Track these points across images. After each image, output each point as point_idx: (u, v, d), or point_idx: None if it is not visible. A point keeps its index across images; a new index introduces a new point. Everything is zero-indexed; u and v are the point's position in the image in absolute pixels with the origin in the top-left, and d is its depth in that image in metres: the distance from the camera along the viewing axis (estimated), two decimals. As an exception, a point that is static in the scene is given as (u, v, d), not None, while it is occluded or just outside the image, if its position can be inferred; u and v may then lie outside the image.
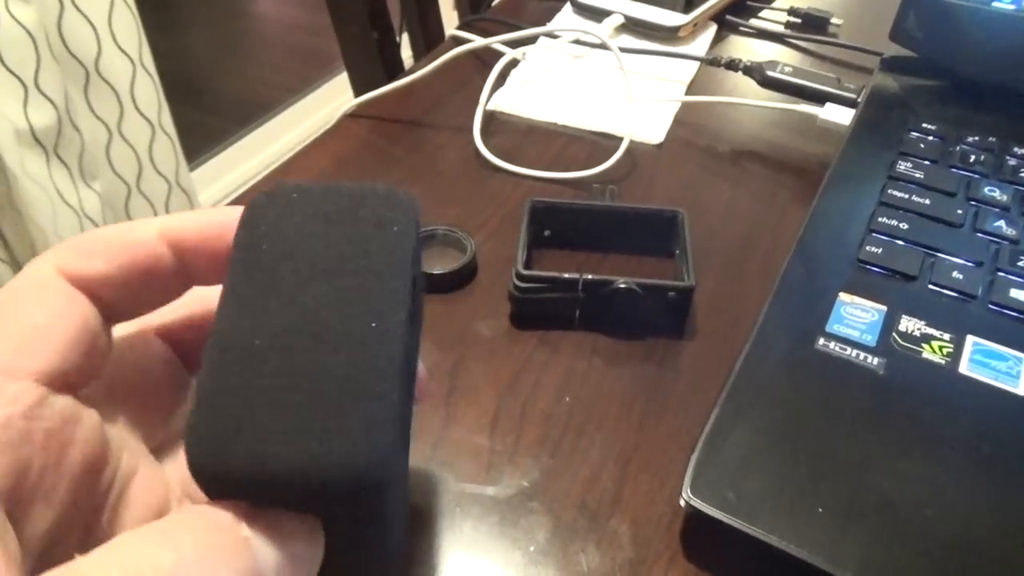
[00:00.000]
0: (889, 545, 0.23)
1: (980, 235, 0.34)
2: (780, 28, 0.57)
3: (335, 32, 0.64)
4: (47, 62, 0.82)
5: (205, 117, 1.71)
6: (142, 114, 0.98)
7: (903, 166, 0.38)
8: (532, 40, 0.51)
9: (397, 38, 0.66)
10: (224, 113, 1.76)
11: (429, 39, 0.70)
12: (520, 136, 0.45)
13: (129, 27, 0.92)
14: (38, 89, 0.82)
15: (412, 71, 0.47)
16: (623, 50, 0.49)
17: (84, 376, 0.16)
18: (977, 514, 0.24)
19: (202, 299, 0.20)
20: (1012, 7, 0.41)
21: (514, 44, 0.49)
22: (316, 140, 0.44)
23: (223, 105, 1.81)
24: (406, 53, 0.65)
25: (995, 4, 0.41)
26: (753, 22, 0.57)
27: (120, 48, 0.91)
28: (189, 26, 2.13)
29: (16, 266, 0.92)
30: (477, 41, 0.47)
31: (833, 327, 0.29)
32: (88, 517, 0.16)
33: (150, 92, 0.98)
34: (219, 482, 0.15)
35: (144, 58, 0.96)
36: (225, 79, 1.95)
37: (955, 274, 0.32)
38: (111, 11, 0.89)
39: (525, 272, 0.32)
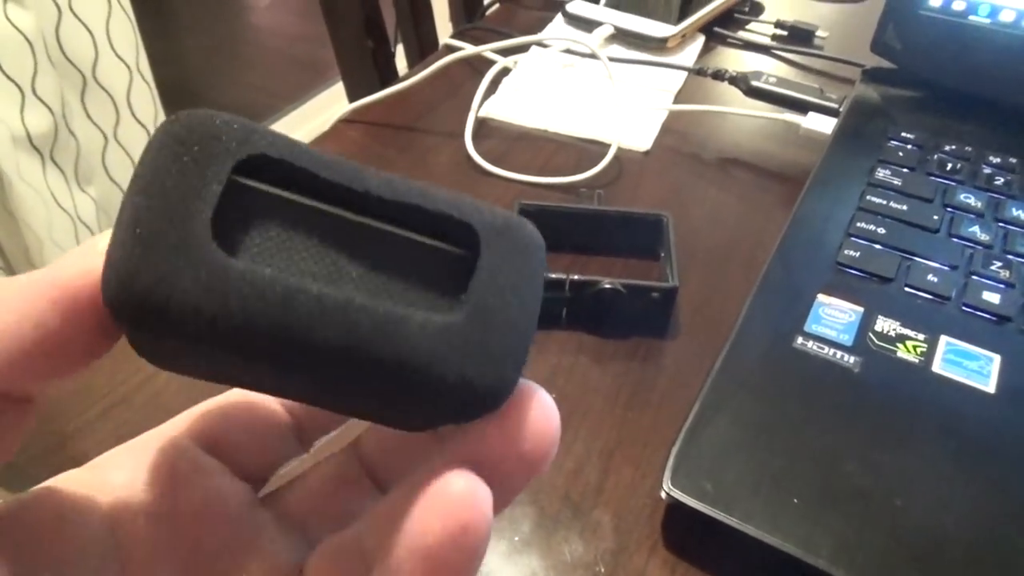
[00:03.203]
0: (861, 533, 0.24)
1: (955, 240, 0.35)
2: (767, 40, 0.58)
3: (331, 40, 0.65)
4: (44, 68, 0.83)
5: (200, 124, 1.71)
6: (138, 120, 0.99)
7: (882, 173, 0.39)
8: (524, 49, 0.53)
9: (392, 47, 0.67)
10: (219, 121, 1.76)
11: (424, 48, 0.72)
12: (511, 142, 0.45)
13: (127, 34, 0.93)
14: (35, 94, 0.82)
15: (406, 78, 0.47)
16: (612, 60, 0.50)
17: None
18: (946, 504, 0.24)
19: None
20: (987, 21, 0.42)
21: (506, 52, 0.50)
22: (311, 143, 0.45)
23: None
24: (401, 64, 0.66)
25: (971, 18, 0.43)
26: (740, 34, 0.58)
27: (117, 55, 0.92)
28: (186, 33, 2.14)
29: (10, 270, 0.93)
30: (469, 49, 0.48)
31: (811, 327, 0.30)
32: None
33: (146, 99, 0.99)
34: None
35: (141, 65, 0.97)
36: (221, 87, 1.96)
37: (930, 277, 0.33)
38: (109, 17, 0.90)
39: (513, 272, 0.32)
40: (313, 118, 1.81)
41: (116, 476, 0.16)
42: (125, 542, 0.16)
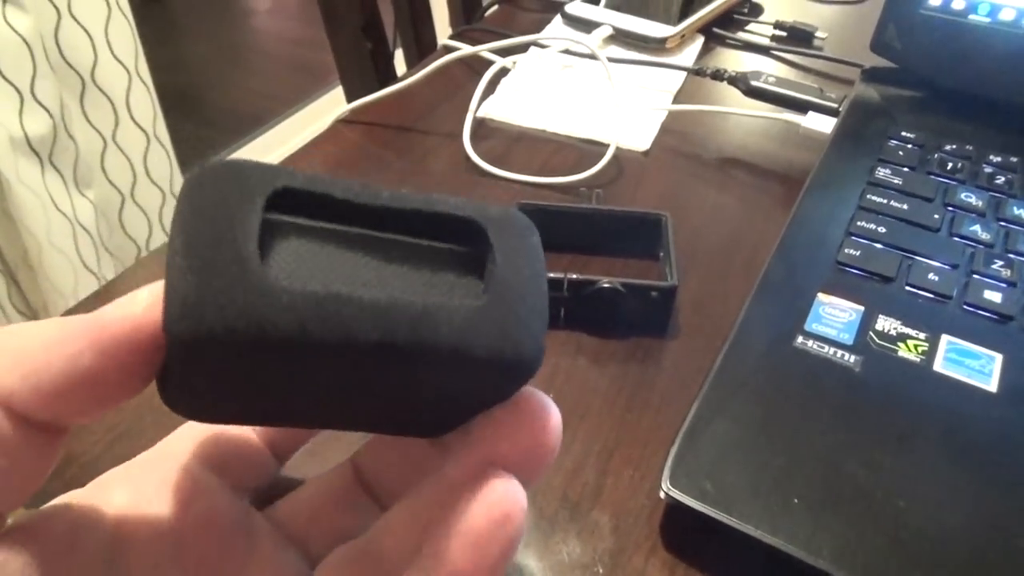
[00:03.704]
0: (863, 533, 0.23)
1: (956, 239, 0.35)
2: (766, 41, 0.58)
3: (329, 42, 0.65)
4: (43, 70, 0.82)
5: (201, 129, 1.72)
6: (137, 123, 0.99)
7: (882, 172, 0.38)
8: (523, 49, 0.52)
9: (391, 49, 0.67)
10: (220, 125, 1.77)
11: (423, 51, 0.71)
12: (509, 142, 0.45)
13: (125, 37, 0.93)
14: (34, 97, 0.82)
15: (404, 78, 0.47)
16: (611, 60, 0.50)
17: None
18: (948, 505, 0.24)
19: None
20: (987, 20, 0.42)
21: (504, 53, 0.50)
22: (309, 144, 0.45)
23: (219, 117, 1.82)
24: (401, 69, 0.66)
25: (971, 17, 0.42)
26: (740, 35, 0.58)
27: (116, 57, 0.92)
28: (186, 38, 2.14)
29: (8, 273, 0.92)
30: (466, 49, 0.48)
31: (812, 326, 0.30)
32: None
33: (145, 102, 0.99)
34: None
35: (140, 68, 0.97)
36: (221, 91, 1.96)
37: (931, 276, 0.32)
38: (108, 20, 0.90)
39: (511, 271, 0.32)
40: (313, 122, 1.81)
41: (118, 494, 0.17)
42: (127, 558, 0.16)
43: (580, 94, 0.49)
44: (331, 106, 1.85)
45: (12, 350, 0.14)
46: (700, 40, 0.57)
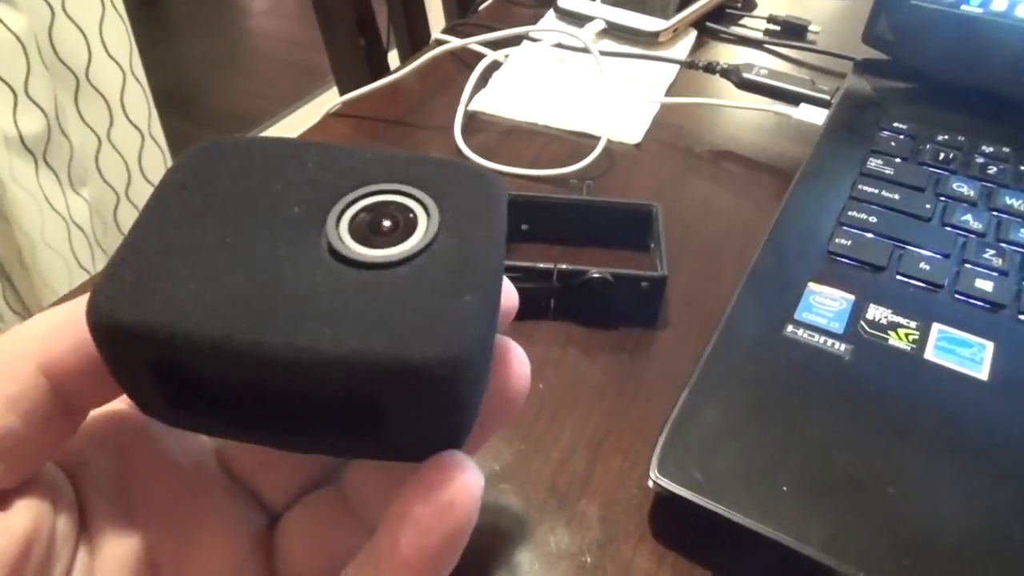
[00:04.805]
0: (853, 521, 0.23)
1: (948, 228, 0.34)
2: (759, 35, 0.58)
3: (323, 38, 0.64)
4: (37, 69, 0.82)
5: (196, 129, 1.71)
6: (132, 122, 0.99)
7: (874, 163, 0.38)
8: (515, 43, 0.52)
9: (385, 47, 0.67)
10: (215, 125, 1.76)
11: (416, 47, 0.71)
12: (501, 135, 0.45)
13: (120, 35, 0.93)
14: (28, 96, 0.82)
15: (395, 71, 0.47)
16: (603, 54, 0.50)
17: None
18: (939, 492, 0.24)
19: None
20: (980, 10, 0.42)
21: (496, 47, 0.50)
22: (298, 137, 0.45)
23: (214, 117, 1.82)
24: (395, 66, 0.66)
25: (963, 7, 0.42)
26: (733, 29, 0.58)
27: (111, 56, 0.92)
28: (182, 39, 2.14)
29: (2, 272, 0.92)
30: (456, 41, 0.48)
31: (802, 315, 0.30)
32: None
33: (140, 100, 0.99)
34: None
35: (135, 66, 0.96)
36: (217, 92, 1.96)
37: (922, 265, 0.32)
38: (102, 19, 0.90)
39: (500, 262, 0.32)
40: (308, 122, 1.80)
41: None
42: (90, 523, 0.15)
43: (572, 88, 0.49)
44: (326, 106, 1.85)
45: (59, 322, 0.14)
46: (693, 34, 0.57)
